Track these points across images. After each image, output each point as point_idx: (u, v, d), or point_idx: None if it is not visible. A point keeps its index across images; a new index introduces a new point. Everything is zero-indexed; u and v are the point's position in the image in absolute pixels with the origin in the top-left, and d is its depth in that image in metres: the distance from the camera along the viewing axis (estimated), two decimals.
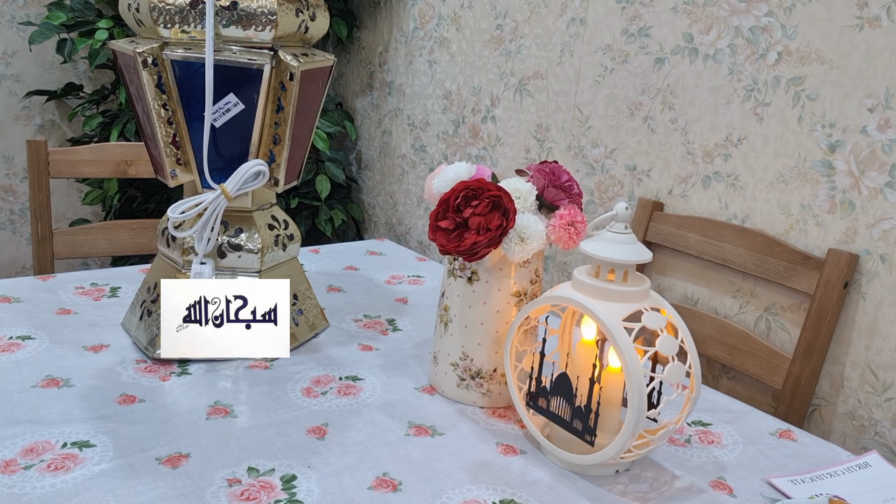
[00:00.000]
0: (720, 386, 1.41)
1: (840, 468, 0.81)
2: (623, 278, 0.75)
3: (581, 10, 1.61)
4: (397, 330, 1.10)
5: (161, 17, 0.84)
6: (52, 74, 2.45)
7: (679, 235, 1.41)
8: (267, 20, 0.85)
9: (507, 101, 1.83)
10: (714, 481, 0.78)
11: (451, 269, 0.89)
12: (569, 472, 0.77)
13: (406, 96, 2.20)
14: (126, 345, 0.97)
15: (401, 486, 0.72)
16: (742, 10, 1.32)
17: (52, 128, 2.51)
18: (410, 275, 1.36)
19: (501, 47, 1.83)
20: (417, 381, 0.95)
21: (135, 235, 1.58)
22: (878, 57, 1.14)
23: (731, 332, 1.31)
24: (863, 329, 1.19)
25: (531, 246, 0.82)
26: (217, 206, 0.87)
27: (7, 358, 0.91)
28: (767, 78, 1.29)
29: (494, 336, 0.87)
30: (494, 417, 0.87)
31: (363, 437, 0.80)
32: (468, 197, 0.81)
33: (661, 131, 1.47)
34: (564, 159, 1.69)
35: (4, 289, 1.13)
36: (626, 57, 1.53)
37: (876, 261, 1.17)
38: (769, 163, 1.30)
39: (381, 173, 2.36)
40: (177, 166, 0.91)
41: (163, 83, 0.87)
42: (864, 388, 1.19)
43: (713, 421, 0.91)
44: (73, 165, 1.54)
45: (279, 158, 0.91)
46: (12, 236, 2.51)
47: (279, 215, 1.01)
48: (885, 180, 1.15)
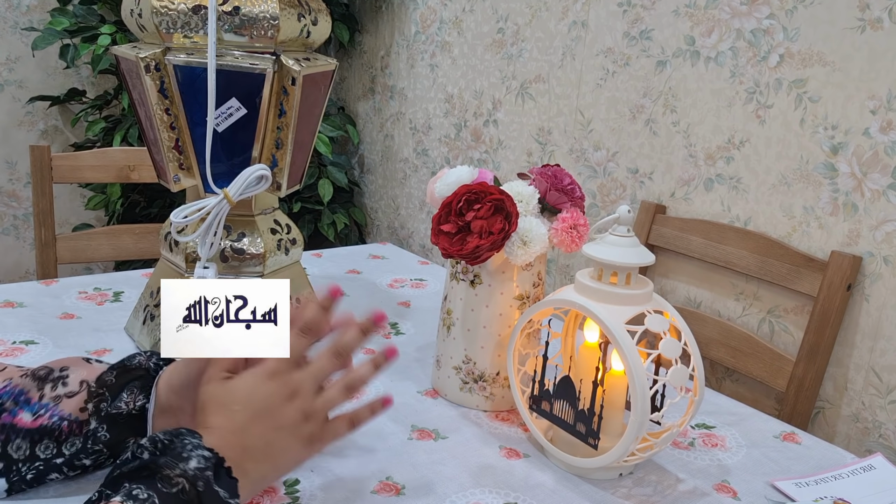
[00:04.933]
0: (724, 389, 1.40)
1: (844, 471, 0.81)
2: (626, 281, 0.75)
3: (582, 14, 1.62)
4: (400, 334, 1.10)
5: (164, 22, 0.84)
6: (55, 80, 2.46)
7: (681, 238, 1.41)
8: (269, 25, 0.85)
9: (508, 104, 1.84)
10: (718, 484, 0.78)
11: (454, 272, 0.89)
12: (572, 476, 0.77)
13: (408, 100, 2.20)
14: (129, 349, 0.97)
15: (404, 490, 0.72)
16: (743, 12, 1.32)
17: (56, 133, 2.52)
18: (413, 278, 1.36)
19: (503, 51, 1.83)
20: (420, 384, 0.95)
21: (138, 240, 1.58)
22: (880, 59, 1.14)
23: (735, 335, 1.31)
24: (866, 331, 1.18)
25: (534, 249, 0.82)
26: (220, 210, 0.87)
27: (11, 363, 0.91)
28: (769, 80, 1.29)
29: (497, 339, 0.87)
30: (497, 421, 0.87)
31: (366, 440, 0.80)
32: (470, 200, 0.81)
33: (663, 134, 1.47)
34: (566, 162, 1.69)
35: (8, 294, 1.13)
36: (628, 60, 1.53)
37: (879, 263, 1.16)
38: (771, 165, 1.30)
39: (383, 177, 2.36)
40: (179, 171, 0.91)
41: (165, 88, 0.87)
42: (867, 390, 1.19)
43: (717, 424, 0.91)
44: (77, 170, 1.54)
45: (281, 163, 0.91)
46: (16, 241, 2.52)
47: (282, 219, 1.01)
48: (887, 182, 1.14)
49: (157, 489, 0.51)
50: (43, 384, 0.65)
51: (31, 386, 0.65)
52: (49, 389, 0.65)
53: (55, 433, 0.64)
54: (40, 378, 0.65)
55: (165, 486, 0.51)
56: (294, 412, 0.60)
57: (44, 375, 0.66)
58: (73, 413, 0.64)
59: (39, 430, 0.63)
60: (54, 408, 0.64)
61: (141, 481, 0.51)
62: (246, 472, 0.56)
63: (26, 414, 0.63)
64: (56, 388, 0.65)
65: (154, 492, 0.51)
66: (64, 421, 0.64)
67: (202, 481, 0.52)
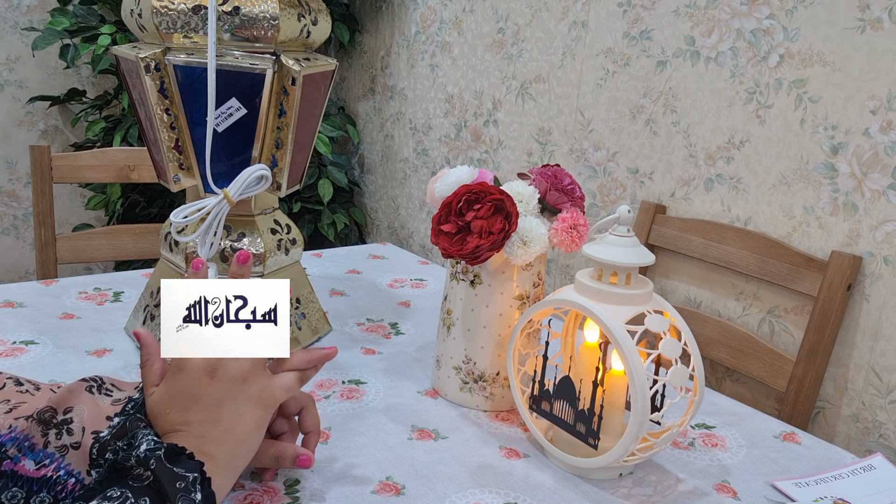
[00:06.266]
0: (724, 389, 1.40)
1: (844, 471, 0.81)
2: (626, 281, 0.75)
3: (582, 14, 1.62)
4: (400, 334, 1.10)
5: (164, 22, 0.84)
6: (55, 80, 2.46)
7: (682, 238, 1.41)
8: (269, 25, 0.85)
9: (508, 104, 1.84)
10: (718, 484, 0.78)
11: (454, 272, 0.89)
12: (572, 476, 0.77)
13: (408, 100, 2.20)
14: (129, 349, 0.97)
15: (404, 490, 0.72)
16: (744, 12, 1.32)
17: (56, 133, 2.52)
18: (413, 278, 1.36)
19: (503, 51, 1.83)
20: (420, 384, 0.95)
21: (138, 240, 1.58)
22: (880, 59, 1.14)
23: (735, 335, 1.31)
24: (866, 331, 1.18)
25: (534, 249, 0.82)
26: (220, 210, 0.87)
27: (10, 363, 0.91)
28: (769, 80, 1.29)
29: (497, 339, 0.87)
30: (497, 421, 0.87)
31: (366, 440, 0.80)
32: (470, 200, 0.81)
33: (664, 134, 1.47)
34: (566, 162, 1.69)
35: (8, 294, 1.13)
36: (628, 60, 1.53)
37: (879, 263, 1.16)
38: (771, 165, 1.30)
39: (383, 177, 2.36)
40: (179, 171, 0.91)
41: (165, 88, 0.87)
42: (868, 390, 1.19)
43: (717, 424, 0.91)
44: (77, 171, 1.54)
45: (281, 163, 0.91)
46: (16, 241, 2.52)
47: (282, 219, 1.01)
48: (888, 182, 1.14)
49: (128, 486, 0.52)
50: (47, 429, 0.63)
51: (35, 431, 0.63)
52: (54, 437, 0.63)
53: (57, 487, 0.62)
54: (45, 422, 0.64)
55: (136, 481, 0.52)
56: (222, 384, 0.61)
57: (48, 419, 0.64)
58: (82, 473, 0.63)
59: (40, 481, 0.61)
60: (60, 459, 0.62)
61: (113, 483, 0.52)
62: (210, 454, 0.57)
63: (29, 462, 0.62)
64: (61, 437, 0.63)
65: (126, 488, 0.51)
66: (72, 478, 0.63)
67: (154, 460, 0.53)
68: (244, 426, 0.61)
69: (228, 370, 0.62)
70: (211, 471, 0.55)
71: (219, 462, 0.58)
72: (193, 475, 0.54)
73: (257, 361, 0.63)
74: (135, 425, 0.61)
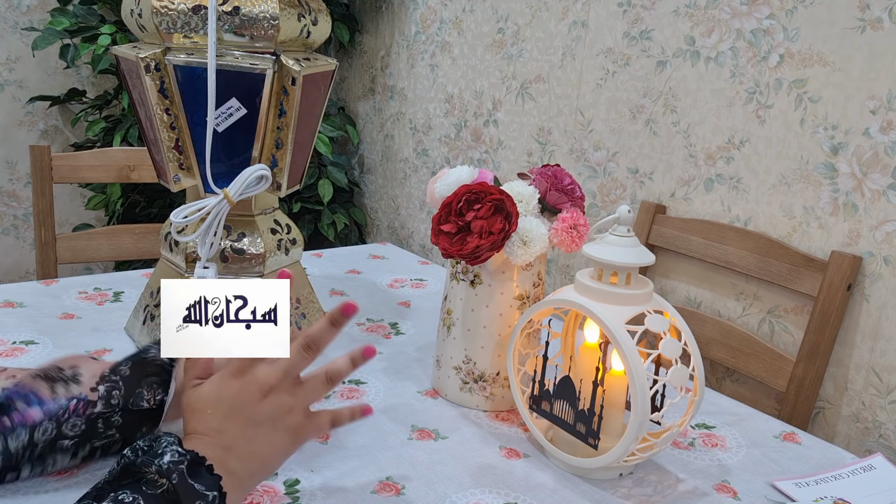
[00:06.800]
0: (724, 389, 1.40)
1: (844, 471, 0.81)
2: (626, 281, 0.75)
3: (582, 14, 1.62)
4: (400, 334, 1.10)
5: (164, 22, 0.84)
6: (55, 80, 2.46)
7: (682, 238, 1.41)
8: (269, 25, 0.85)
9: (508, 104, 1.84)
10: (718, 484, 0.78)
11: (454, 272, 0.89)
12: (572, 476, 0.77)
13: (408, 100, 2.20)
14: (129, 349, 0.97)
15: (404, 490, 0.72)
16: (744, 12, 1.32)
17: (56, 133, 2.52)
18: (413, 278, 1.36)
19: (503, 51, 1.83)
20: (420, 384, 0.95)
21: (138, 240, 1.58)
22: (880, 59, 1.14)
23: (735, 335, 1.31)
24: (866, 331, 1.18)
25: (534, 249, 0.82)
26: (220, 210, 0.87)
27: (11, 363, 0.91)
28: (769, 80, 1.29)
29: (497, 339, 0.87)
30: (498, 421, 0.87)
31: (366, 440, 0.80)
32: (470, 200, 0.81)
33: (664, 134, 1.47)
34: (566, 162, 1.69)
35: (8, 294, 1.13)
36: (628, 60, 1.53)
37: (879, 263, 1.16)
38: (771, 165, 1.30)
39: (383, 177, 2.36)
40: (179, 171, 0.91)
41: (165, 88, 0.87)
42: (868, 390, 1.19)
43: (717, 424, 0.91)
44: (77, 171, 1.54)
45: (281, 163, 0.91)
46: (16, 241, 2.52)
47: (282, 219, 1.01)
48: (888, 182, 1.14)
49: (142, 492, 0.51)
50: (54, 383, 0.64)
51: (41, 386, 0.64)
52: (63, 389, 0.64)
53: (58, 413, 0.63)
54: (51, 378, 0.65)
55: (150, 488, 0.52)
56: (270, 407, 0.61)
57: (54, 375, 0.65)
58: (84, 392, 0.63)
59: (43, 416, 0.63)
60: (68, 403, 0.63)
61: (126, 486, 0.52)
62: (232, 471, 0.57)
63: (36, 409, 0.63)
64: (69, 387, 0.64)
65: (139, 494, 0.51)
66: (73, 399, 0.63)
67: (176, 474, 0.53)
68: (272, 451, 0.61)
69: (280, 397, 0.61)
70: (228, 487, 0.55)
71: (238, 479, 0.58)
72: (213, 494, 0.54)
73: (306, 397, 0.63)
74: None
